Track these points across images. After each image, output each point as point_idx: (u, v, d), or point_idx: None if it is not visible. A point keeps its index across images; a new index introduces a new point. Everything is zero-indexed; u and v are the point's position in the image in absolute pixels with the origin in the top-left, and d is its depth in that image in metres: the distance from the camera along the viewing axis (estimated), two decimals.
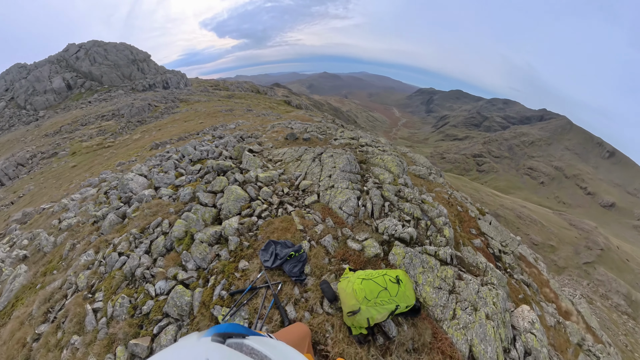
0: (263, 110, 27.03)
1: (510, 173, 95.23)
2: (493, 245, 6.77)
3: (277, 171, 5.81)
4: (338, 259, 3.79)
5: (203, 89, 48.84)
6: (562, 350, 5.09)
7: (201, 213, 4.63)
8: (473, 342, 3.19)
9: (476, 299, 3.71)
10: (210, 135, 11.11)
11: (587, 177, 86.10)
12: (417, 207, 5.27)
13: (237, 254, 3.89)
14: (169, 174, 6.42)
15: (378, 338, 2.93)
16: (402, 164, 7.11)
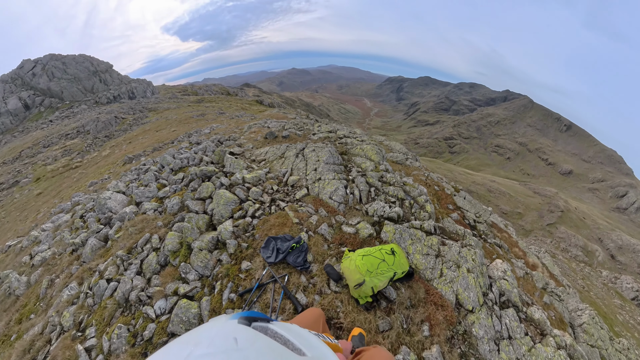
0: (236, 112, 26.38)
1: (479, 152, 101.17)
2: (468, 217, 7.30)
3: (262, 170, 5.82)
4: (336, 244, 4.02)
5: (171, 96, 46.54)
6: (531, 293, 5.73)
7: (195, 221, 4.51)
8: (458, 292, 3.73)
9: (458, 258, 4.22)
10: (187, 142, 10.76)
11: (548, 149, 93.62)
12: (400, 189, 5.60)
13: (237, 256, 3.86)
14: (150, 187, 6.10)
15: (381, 303, 3.32)
16: (381, 151, 7.42)
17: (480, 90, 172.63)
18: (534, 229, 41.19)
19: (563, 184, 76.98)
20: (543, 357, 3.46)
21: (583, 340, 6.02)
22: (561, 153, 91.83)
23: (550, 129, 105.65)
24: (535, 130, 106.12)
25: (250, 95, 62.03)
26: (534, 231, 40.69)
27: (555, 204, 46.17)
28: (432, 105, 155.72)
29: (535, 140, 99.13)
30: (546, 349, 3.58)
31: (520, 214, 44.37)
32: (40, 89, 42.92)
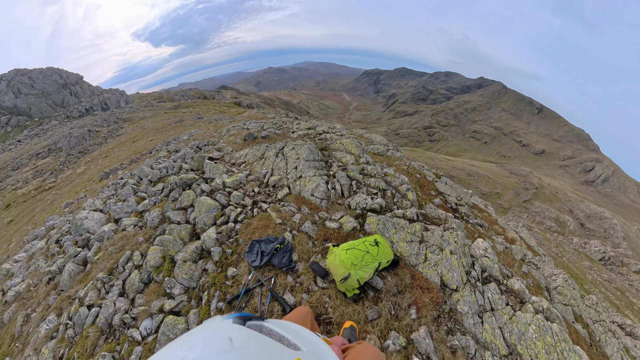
0: (214, 116, 25.66)
1: (458, 138, 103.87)
2: (450, 201, 7.51)
3: (243, 173, 5.67)
4: (321, 240, 3.99)
5: (146, 104, 44.52)
6: (510, 266, 6.10)
7: (177, 232, 4.33)
8: (442, 273, 3.85)
9: (441, 242, 4.33)
10: (165, 151, 10.35)
11: (521, 131, 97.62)
12: (381, 180, 5.65)
13: (222, 263, 3.75)
14: (128, 202, 5.79)
15: (369, 293, 3.35)
16: (360, 145, 7.44)
17: (456, 78, 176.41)
18: (511, 207, 43.38)
19: (536, 163, 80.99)
20: (523, 322, 3.65)
21: (558, 301, 6.46)
22: (534, 134, 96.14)
23: (523, 113, 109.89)
24: (509, 114, 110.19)
25: (228, 97, 60.50)
26: (511, 208, 42.84)
27: (530, 182, 48.77)
28: (410, 96, 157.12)
29: (509, 124, 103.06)
30: (525, 315, 3.77)
31: (499, 194, 46.49)
32: (6, 107, 39.75)
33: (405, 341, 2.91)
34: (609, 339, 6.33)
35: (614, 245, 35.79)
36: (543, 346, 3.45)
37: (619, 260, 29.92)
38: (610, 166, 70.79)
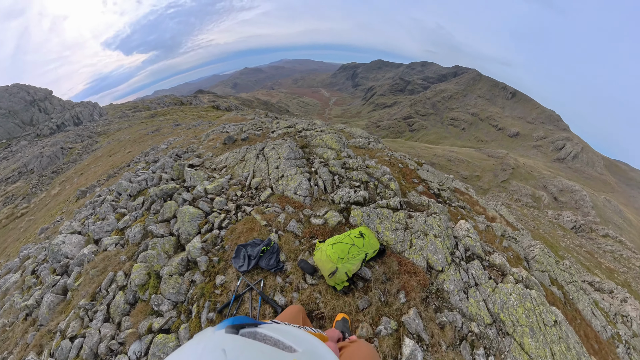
0: (193, 122, 24.84)
1: (437, 127, 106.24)
2: (432, 187, 7.68)
3: (224, 178, 5.50)
4: (307, 238, 3.95)
5: (121, 115, 42.34)
6: (492, 242, 6.39)
7: (161, 245, 4.13)
8: (428, 257, 3.94)
9: (425, 227, 4.42)
10: (144, 162, 9.89)
11: (497, 116, 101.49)
12: (363, 172, 5.66)
13: (210, 272, 3.62)
14: (108, 219, 5.44)
15: (358, 283, 3.36)
16: (341, 139, 7.43)
17: (432, 67, 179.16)
18: (491, 187, 45.40)
19: (512, 145, 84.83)
20: (504, 293, 3.84)
21: (536, 269, 6.87)
22: (508, 118, 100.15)
23: (497, 98, 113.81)
24: (485, 100, 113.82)
25: (205, 101, 58.74)
26: (491, 189, 44.84)
27: (507, 163, 51.11)
28: (388, 88, 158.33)
29: (485, 109, 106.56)
30: (506, 286, 3.97)
31: (478, 176, 48.44)
32: None
33: (396, 324, 2.97)
34: (580, 296, 6.84)
35: (584, 214, 38.39)
36: (523, 311, 3.68)
37: (588, 227, 32.16)
38: (579, 143, 75.43)
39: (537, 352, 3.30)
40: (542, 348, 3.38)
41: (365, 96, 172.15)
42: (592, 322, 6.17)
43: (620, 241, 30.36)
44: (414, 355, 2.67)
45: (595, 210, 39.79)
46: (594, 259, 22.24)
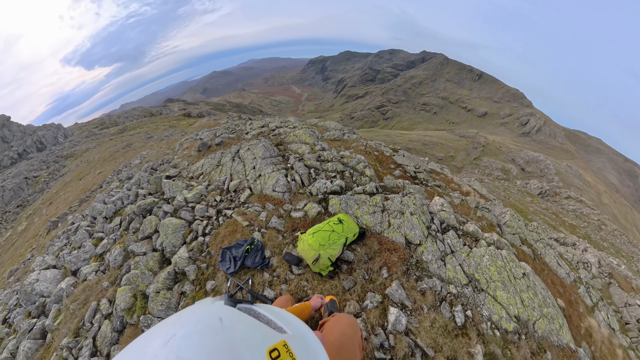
0: (165, 132, 23.74)
1: (409, 113, 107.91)
2: (409, 170, 7.95)
3: (202, 185, 5.38)
4: (289, 232, 4.02)
5: (88, 134, 39.37)
6: (467, 214, 6.73)
7: (144, 263, 3.95)
8: (406, 233, 4.10)
9: (401, 206, 4.58)
10: (117, 181, 9.39)
11: (465, 98, 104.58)
12: (338, 163, 5.77)
13: (199, 279, 3.55)
14: (84, 247, 5.06)
15: (342, 267, 3.47)
16: (314, 133, 7.48)
17: (400, 55, 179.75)
18: (464, 166, 47.65)
19: (481, 124, 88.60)
20: (478, 256, 4.12)
21: (507, 232, 7.42)
22: (476, 99, 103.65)
23: (465, 80, 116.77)
24: (453, 83, 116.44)
25: (176, 110, 56.11)
26: (464, 167, 47.09)
27: (478, 142, 53.70)
28: (358, 79, 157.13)
29: (454, 92, 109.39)
30: (480, 249, 4.26)
31: (452, 157, 50.59)
32: None
33: (380, 297, 3.12)
34: (547, 251, 7.51)
35: (549, 180, 41.57)
36: (495, 269, 4.00)
37: (553, 191, 34.95)
38: (541, 118, 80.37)
39: (509, 301, 3.64)
40: (513, 297, 3.72)
41: (336, 89, 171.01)
42: (557, 271, 6.79)
43: (580, 201, 33.38)
44: (398, 321, 2.84)
45: (558, 176, 43.30)
46: (558, 218, 24.28)
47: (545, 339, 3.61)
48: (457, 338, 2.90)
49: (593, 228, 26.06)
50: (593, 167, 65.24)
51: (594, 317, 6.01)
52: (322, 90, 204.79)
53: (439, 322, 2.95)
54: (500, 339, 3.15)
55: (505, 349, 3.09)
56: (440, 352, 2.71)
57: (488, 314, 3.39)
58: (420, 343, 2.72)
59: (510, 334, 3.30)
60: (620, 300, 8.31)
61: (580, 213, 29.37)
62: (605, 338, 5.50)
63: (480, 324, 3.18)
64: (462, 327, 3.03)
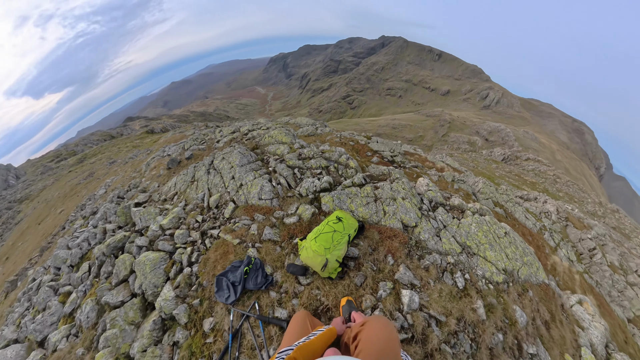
0: (129, 154, 21.74)
1: (375, 99, 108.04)
2: (385, 155, 7.85)
3: (178, 207, 4.71)
4: (287, 240, 3.64)
5: (44, 170, 34.94)
6: (445, 188, 7.00)
7: (122, 317, 3.20)
8: (402, 218, 4.12)
9: (392, 193, 4.51)
10: (81, 219, 8.20)
11: (428, 78, 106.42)
12: (321, 158, 5.43)
13: (194, 320, 2.96)
14: (50, 308, 4.06)
15: (350, 264, 3.35)
16: (290, 131, 7.04)
17: (359, 42, 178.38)
18: (434, 143, 49.56)
19: (445, 102, 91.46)
20: (466, 225, 4.38)
21: (482, 198, 7.82)
22: (438, 78, 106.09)
23: (426, 61, 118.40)
24: (415, 65, 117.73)
25: (137, 128, 51.84)
26: (434, 145, 49.00)
27: (444, 119, 55.82)
28: (321, 72, 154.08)
29: (417, 74, 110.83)
30: (467, 219, 4.52)
31: (422, 136, 52.28)
32: None
33: (391, 284, 3.14)
34: (516, 208, 8.22)
35: (510, 147, 44.74)
36: (482, 233, 4.31)
37: (514, 156, 37.74)
38: (499, 90, 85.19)
39: (497, 258, 4.05)
40: (499, 254, 4.14)
41: (301, 84, 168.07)
42: (526, 223, 7.57)
43: (538, 161, 36.40)
44: (412, 300, 2.95)
45: (518, 142, 46.76)
46: (521, 178, 26.28)
47: (527, 281, 4.18)
48: (462, 299, 3.18)
49: (550, 182, 28.69)
50: (546, 129, 71.32)
51: (557, 255, 7.01)
52: (286, 87, 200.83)
53: (445, 291, 3.17)
54: (494, 291, 3.56)
55: (498, 297, 3.51)
56: (450, 315, 2.95)
57: (482, 273, 3.74)
58: (433, 313, 2.91)
59: (501, 284, 3.73)
60: (575, 237, 9.48)
61: (538, 171, 32.13)
62: (566, 268, 6.58)
63: (477, 283, 3.53)
64: (464, 289, 3.33)
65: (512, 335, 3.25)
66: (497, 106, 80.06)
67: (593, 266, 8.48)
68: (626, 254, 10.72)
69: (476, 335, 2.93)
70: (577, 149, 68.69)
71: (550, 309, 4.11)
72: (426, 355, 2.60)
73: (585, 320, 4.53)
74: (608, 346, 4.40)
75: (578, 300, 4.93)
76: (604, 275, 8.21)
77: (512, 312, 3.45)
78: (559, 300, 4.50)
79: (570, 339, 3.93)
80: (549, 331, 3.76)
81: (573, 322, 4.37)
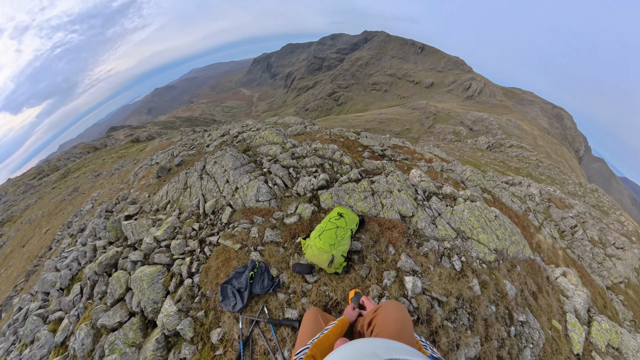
0: (114, 165, 20.88)
1: (361, 95, 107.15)
2: (376, 149, 7.83)
3: (172, 216, 4.48)
4: (289, 241, 3.56)
5: (25, 188, 32.97)
6: (435, 178, 7.15)
7: (122, 339, 2.96)
8: (399, 209, 4.15)
9: (388, 186, 4.51)
10: (68, 237, 7.75)
11: (412, 72, 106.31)
12: (315, 156, 5.34)
13: (200, 333, 2.82)
14: (39, 340, 3.62)
15: (354, 258, 3.36)
16: (281, 131, 6.89)
17: (342, 38, 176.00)
18: (420, 135, 50.04)
19: (430, 94, 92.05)
20: (459, 211, 4.49)
21: (470, 186, 7.99)
22: (422, 71, 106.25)
23: (409, 55, 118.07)
24: (398, 59, 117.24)
25: (122, 137, 49.87)
26: (421, 137, 49.48)
27: (429, 111, 56.38)
28: (305, 70, 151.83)
29: (400, 67, 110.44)
30: (459, 206, 4.62)
31: (408, 129, 52.67)
32: None
33: (395, 272, 3.22)
34: (502, 192, 8.59)
35: (493, 135, 45.82)
36: (474, 218, 4.43)
37: (498, 143, 38.72)
38: (481, 80, 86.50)
39: (488, 240, 4.23)
40: (490, 236, 4.33)
41: (286, 84, 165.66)
42: (512, 206, 7.86)
43: (521, 147, 37.55)
44: (415, 285, 3.07)
45: (501, 130, 47.93)
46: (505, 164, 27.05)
47: (515, 257, 4.41)
48: (459, 280, 3.35)
49: (533, 167, 29.66)
50: (528, 116, 73.36)
51: (541, 233, 7.39)
52: (272, 87, 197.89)
53: (444, 274, 3.32)
54: (487, 269, 3.75)
55: (491, 274, 3.71)
56: (450, 295, 3.12)
57: (476, 254, 3.91)
58: (435, 295, 3.07)
59: (492, 263, 3.93)
60: (557, 216, 9.97)
61: (522, 157, 33.15)
62: (550, 245, 6.92)
63: (472, 264, 3.68)
64: (461, 270, 3.49)
65: (503, 306, 3.47)
66: (479, 96, 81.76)
67: (575, 242, 8.92)
68: (605, 229, 11.28)
69: (473, 310, 3.14)
70: (557, 133, 71.21)
71: (537, 281, 4.34)
72: (431, 333, 2.76)
73: (569, 289, 4.84)
74: (590, 310, 4.75)
75: (562, 273, 5.25)
76: (584, 250, 8.64)
77: (502, 286, 3.66)
78: (544, 274, 4.76)
79: (556, 306, 4.20)
80: (537, 301, 4.03)
81: (558, 291, 4.64)
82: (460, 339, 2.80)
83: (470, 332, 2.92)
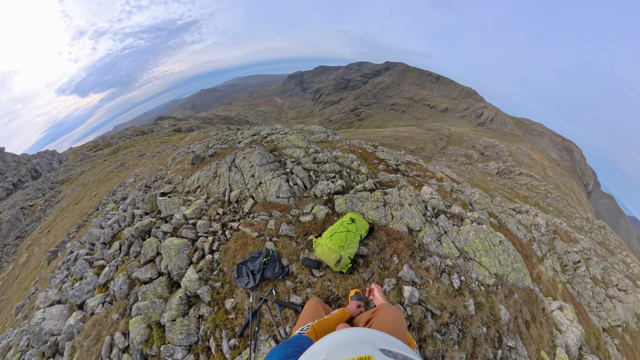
0: (156, 148, 22.01)
1: (380, 113, 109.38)
2: (390, 163, 7.70)
3: (201, 199, 4.64)
4: (302, 236, 3.57)
5: (82, 157, 35.67)
6: (445, 197, 6.85)
7: (152, 291, 3.28)
8: (408, 222, 4.03)
9: (400, 199, 4.38)
10: (112, 203, 8.25)
11: (428, 97, 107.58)
12: (334, 163, 5.33)
13: (216, 300, 3.02)
14: (86, 278, 4.20)
15: (359, 261, 3.33)
16: (306, 137, 6.97)
17: (367, 66, 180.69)
18: (433, 155, 48.95)
19: (444, 118, 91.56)
20: (465, 232, 4.27)
21: (478, 209, 7.55)
22: (437, 97, 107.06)
23: (425, 83, 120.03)
24: (416, 86, 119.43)
25: (166, 126, 52.73)
26: (433, 156, 48.35)
27: (442, 133, 55.33)
28: (333, 87, 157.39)
29: (417, 93, 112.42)
30: (466, 227, 4.40)
31: (422, 148, 51.77)
32: None
33: (395, 280, 3.17)
34: (509, 219, 8.02)
35: (504, 161, 43.81)
36: (479, 241, 4.21)
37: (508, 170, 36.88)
38: (493, 109, 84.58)
39: (490, 264, 4.04)
40: (493, 260, 4.12)
41: (314, 97, 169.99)
42: (517, 234, 7.44)
43: (530, 175, 35.52)
44: (412, 295, 3.01)
45: (511, 157, 45.85)
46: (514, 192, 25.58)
47: (514, 285, 4.20)
48: (456, 297, 3.25)
49: (541, 196, 27.77)
50: (538, 147, 69.83)
51: (543, 265, 6.91)
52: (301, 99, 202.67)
53: (442, 289, 3.23)
54: (484, 292, 3.61)
55: (487, 297, 3.57)
56: (445, 310, 3.04)
57: (476, 276, 3.74)
58: (429, 307, 3.01)
59: (491, 286, 3.76)
60: (561, 250, 9.21)
61: (530, 186, 31.24)
62: (550, 278, 6.47)
63: (471, 284, 3.55)
64: (459, 289, 3.37)
65: (494, 329, 3.33)
66: (491, 124, 79.11)
67: (576, 278, 8.21)
68: (609, 268, 10.25)
69: (464, 327, 3.04)
70: (566, 166, 66.93)
71: (532, 311, 4.14)
72: (420, 340, 2.75)
73: (564, 324, 4.46)
74: (582, 349, 4.34)
75: (559, 307, 4.84)
76: (585, 287, 7.91)
77: (497, 310, 3.51)
78: (541, 305, 4.49)
79: (547, 338, 3.92)
80: (529, 330, 3.84)
81: (552, 324, 4.33)
82: (446, 352, 2.71)
83: (457, 347, 2.85)
